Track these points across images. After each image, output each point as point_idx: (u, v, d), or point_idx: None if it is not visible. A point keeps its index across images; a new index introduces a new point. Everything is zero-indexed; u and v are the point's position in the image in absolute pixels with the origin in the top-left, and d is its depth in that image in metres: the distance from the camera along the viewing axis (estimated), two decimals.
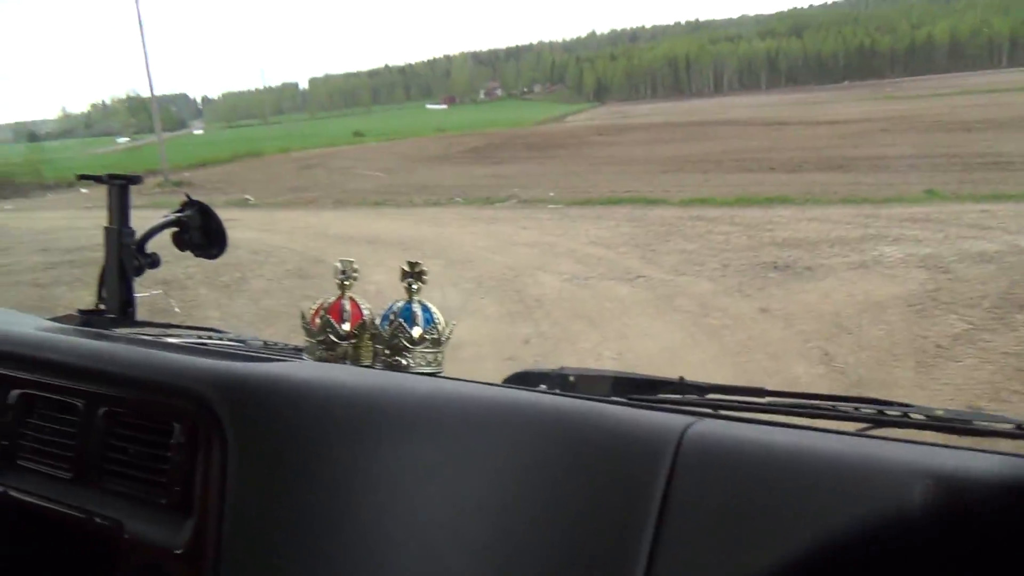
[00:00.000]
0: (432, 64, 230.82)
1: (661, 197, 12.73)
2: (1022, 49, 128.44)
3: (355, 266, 1.14)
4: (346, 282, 1.13)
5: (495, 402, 0.90)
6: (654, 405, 0.89)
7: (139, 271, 1.36)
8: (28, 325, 1.32)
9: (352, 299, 1.12)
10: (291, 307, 6.92)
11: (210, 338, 1.37)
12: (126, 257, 1.33)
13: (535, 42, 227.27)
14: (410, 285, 1.09)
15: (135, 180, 1.40)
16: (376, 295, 1.31)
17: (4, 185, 21.93)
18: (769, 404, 0.93)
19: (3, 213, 17.29)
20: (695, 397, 0.98)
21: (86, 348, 1.17)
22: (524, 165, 21.48)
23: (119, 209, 1.35)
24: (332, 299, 1.13)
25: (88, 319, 1.39)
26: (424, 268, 1.10)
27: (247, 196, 16.52)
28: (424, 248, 9.41)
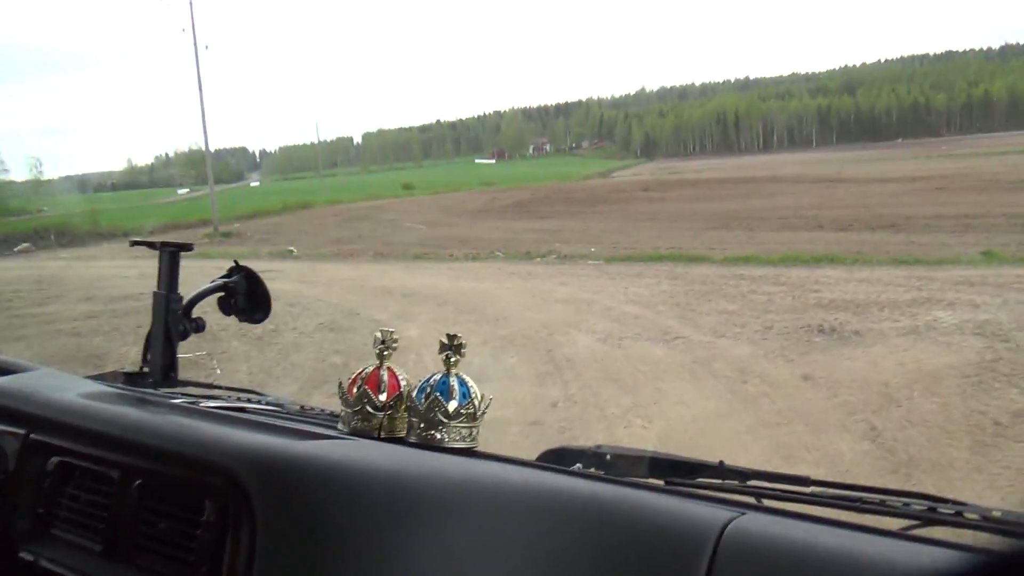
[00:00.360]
0: (482, 119, 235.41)
1: (704, 254, 12.46)
2: None
3: (395, 336, 1.12)
4: (385, 352, 1.10)
5: (531, 485, 0.88)
6: (694, 491, 0.88)
7: (184, 336, 1.38)
8: (69, 389, 1.32)
9: (390, 369, 1.10)
10: (318, 362, 6.83)
11: (248, 401, 1.38)
12: (172, 322, 1.36)
13: (584, 98, 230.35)
14: (448, 358, 1.07)
15: (186, 248, 1.42)
16: (404, 351, 1.32)
17: (64, 234, 22.70)
18: (813, 495, 0.90)
19: (59, 262, 17.76)
20: (736, 484, 0.94)
21: (125, 418, 1.16)
22: (567, 220, 21.41)
23: (168, 275, 1.37)
24: (370, 368, 1.10)
25: (131, 381, 1.41)
26: (463, 341, 1.07)
27: (291, 247, 16.73)
28: (459, 303, 9.29)
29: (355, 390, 1.09)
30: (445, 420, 1.03)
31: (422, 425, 1.05)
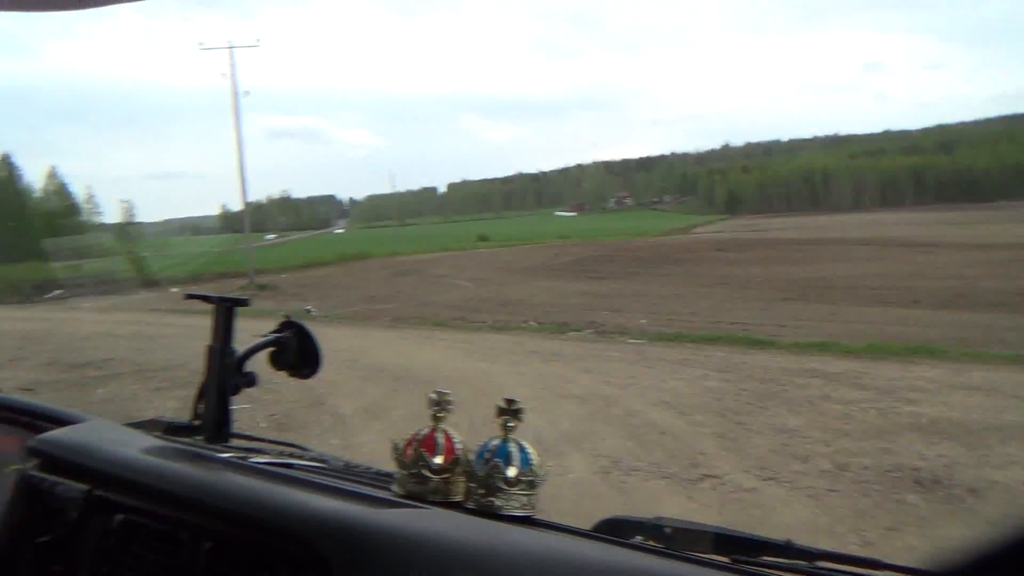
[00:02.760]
0: (564, 172, 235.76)
1: (771, 337, 10.36)
2: None
3: (449, 397, 1.06)
4: (439, 414, 1.05)
5: (603, 561, 0.85)
6: (760, 571, 0.87)
7: (236, 390, 1.36)
8: (129, 443, 1.26)
9: (445, 431, 1.04)
10: None
11: (292, 455, 1.34)
12: (226, 376, 1.35)
13: (667, 153, 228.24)
14: (506, 423, 1.01)
15: (242, 303, 1.40)
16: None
17: (105, 281, 22.17)
18: None
19: (74, 312, 16.96)
20: (804, 564, 0.90)
21: (193, 477, 1.12)
22: (624, 282, 19.51)
23: (224, 329, 1.36)
24: (425, 430, 1.04)
25: (177, 432, 1.39)
26: (522, 406, 1.01)
27: (308, 307, 15.38)
28: (454, 392, 7.53)
29: (410, 452, 1.04)
30: (505, 487, 0.98)
31: (481, 491, 1.00)
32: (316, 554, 0.91)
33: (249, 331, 1.39)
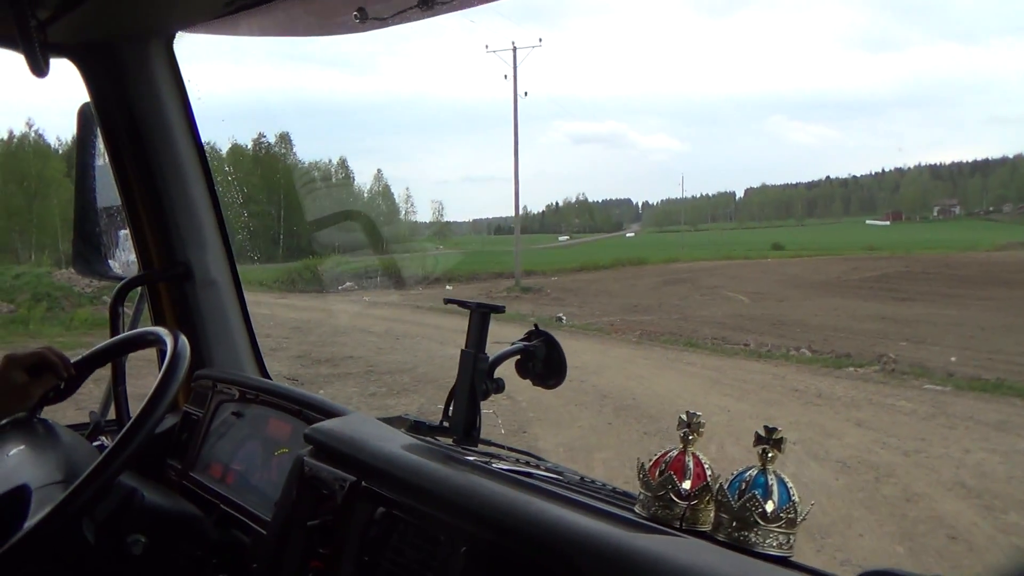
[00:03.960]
0: (880, 177, 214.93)
1: None
2: None
3: (700, 420, 1.00)
4: (689, 436, 1.00)
5: None
6: None
7: (485, 395, 1.38)
8: (391, 439, 1.33)
9: (695, 455, 0.99)
10: None
11: (528, 464, 1.35)
12: (477, 380, 1.36)
13: (1011, 155, 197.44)
14: (764, 452, 0.93)
15: (497, 310, 1.42)
16: None
17: (391, 276, 23.70)
18: None
19: (350, 305, 18.04)
20: None
21: (454, 480, 1.15)
22: (937, 306, 16.30)
23: (478, 334, 1.38)
24: (674, 452, 1.00)
25: (425, 431, 1.42)
26: (783, 436, 0.93)
27: (560, 315, 14.71)
28: (672, 437, 6.25)
29: (658, 473, 0.99)
30: (761, 522, 0.90)
31: (734, 524, 0.93)
32: (575, 570, 0.89)
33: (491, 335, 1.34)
